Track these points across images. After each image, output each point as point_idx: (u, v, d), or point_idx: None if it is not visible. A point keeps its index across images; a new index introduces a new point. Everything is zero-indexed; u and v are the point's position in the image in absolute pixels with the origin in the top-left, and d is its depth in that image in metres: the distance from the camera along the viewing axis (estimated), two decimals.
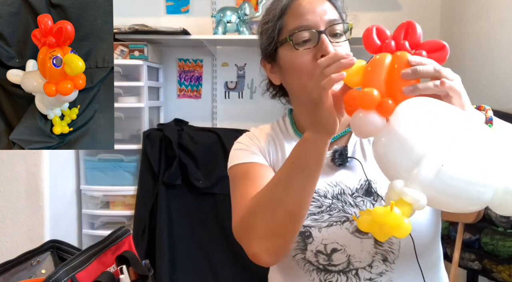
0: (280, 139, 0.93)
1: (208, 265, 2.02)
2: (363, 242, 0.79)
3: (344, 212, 0.81)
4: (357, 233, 0.80)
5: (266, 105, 1.03)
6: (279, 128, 0.97)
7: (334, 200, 0.83)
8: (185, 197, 2.05)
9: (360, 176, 0.84)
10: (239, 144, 0.94)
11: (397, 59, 0.60)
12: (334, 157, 0.85)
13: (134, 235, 1.97)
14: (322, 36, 0.81)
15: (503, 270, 1.50)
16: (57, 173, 1.88)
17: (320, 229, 0.81)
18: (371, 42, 0.62)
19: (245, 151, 0.91)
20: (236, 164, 0.90)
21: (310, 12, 0.82)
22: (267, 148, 0.92)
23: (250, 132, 0.98)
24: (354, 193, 0.83)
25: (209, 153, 2.05)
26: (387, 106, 0.58)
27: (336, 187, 0.84)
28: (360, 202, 0.82)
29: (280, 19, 0.85)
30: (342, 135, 0.90)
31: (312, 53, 0.82)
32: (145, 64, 2.08)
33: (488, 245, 1.55)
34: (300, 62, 0.83)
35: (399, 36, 0.62)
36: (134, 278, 0.70)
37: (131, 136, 2.19)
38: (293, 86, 0.89)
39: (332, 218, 0.81)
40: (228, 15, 2.17)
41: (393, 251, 0.79)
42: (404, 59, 0.59)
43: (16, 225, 1.77)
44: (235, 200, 0.86)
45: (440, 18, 2.27)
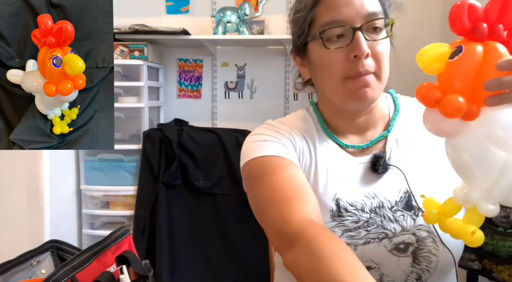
0: (311, 141, 0.81)
1: (208, 265, 2.02)
2: (400, 261, 0.73)
3: (383, 228, 0.73)
4: (395, 250, 0.73)
5: (266, 105, 1.02)
6: (307, 123, 0.84)
7: (372, 214, 0.74)
8: (185, 197, 2.05)
9: (400, 186, 0.76)
10: (260, 135, 0.79)
11: (489, 56, 0.51)
12: (376, 163, 0.76)
13: (134, 235, 1.97)
14: (357, 33, 0.71)
15: (503, 270, 1.50)
16: (57, 173, 1.88)
17: (356, 247, 0.73)
18: (461, 23, 0.51)
19: (274, 143, 0.77)
20: (261, 156, 0.74)
21: (345, 4, 0.72)
22: (301, 146, 0.80)
23: (272, 125, 0.83)
24: (394, 206, 0.75)
25: (209, 153, 2.05)
26: (472, 112, 0.50)
27: (375, 199, 0.75)
28: (400, 217, 0.74)
29: (312, 9, 0.76)
30: (380, 140, 0.81)
31: (345, 52, 0.72)
32: (145, 64, 2.08)
33: (488, 245, 1.54)
34: (332, 63, 0.74)
35: (492, 16, 0.51)
36: (134, 278, 0.70)
37: (131, 136, 2.19)
38: (323, 86, 0.79)
39: (369, 234, 0.73)
40: (228, 15, 2.17)
41: (429, 270, 0.73)
42: (497, 57, 0.50)
43: (16, 225, 1.77)
44: (264, 193, 0.70)
45: (440, 18, 2.27)
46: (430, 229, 0.73)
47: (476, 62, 0.51)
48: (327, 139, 0.82)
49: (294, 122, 0.84)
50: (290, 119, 0.86)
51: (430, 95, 0.52)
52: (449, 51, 0.53)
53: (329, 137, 0.82)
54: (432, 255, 0.73)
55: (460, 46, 0.52)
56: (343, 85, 0.75)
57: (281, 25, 2.33)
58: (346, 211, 0.75)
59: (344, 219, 0.75)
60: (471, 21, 0.52)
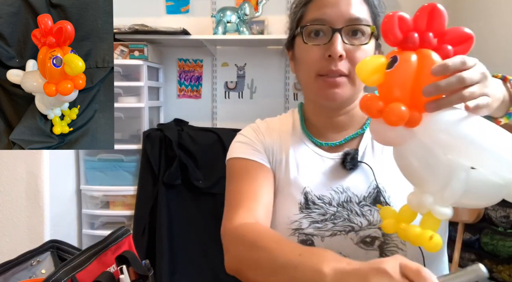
0: (286, 140, 0.88)
1: (208, 265, 2.02)
2: (368, 254, 0.75)
3: (350, 221, 0.77)
4: (361, 244, 0.76)
5: (266, 105, 1.02)
6: (287, 123, 0.91)
7: (339, 208, 0.78)
8: (185, 197, 2.05)
9: (369, 182, 0.79)
10: (242, 136, 0.90)
11: (424, 64, 0.53)
12: (345, 160, 0.80)
13: (134, 235, 1.97)
14: (335, 34, 0.75)
15: (503, 270, 1.50)
16: (57, 173, 1.88)
17: (323, 238, 0.77)
18: (393, 34, 0.54)
19: (248, 146, 0.87)
20: (236, 158, 0.86)
21: (331, 5, 0.76)
22: (271, 147, 0.87)
23: (255, 124, 0.92)
24: (362, 201, 0.78)
25: (209, 153, 2.05)
26: (414, 119, 0.52)
27: (343, 194, 0.79)
28: (367, 211, 0.77)
29: (304, 6, 0.80)
30: (354, 137, 0.85)
31: (322, 51, 0.76)
32: (145, 64, 2.08)
33: (488, 245, 1.55)
34: (309, 58, 0.78)
35: (421, 25, 0.54)
36: (134, 278, 0.70)
37: (131, 136, 2.19)
38: (301, 81, 0.84)
39: (336, 227, 0.77)
40: (228, 15, 2.17)
41: None
42: (431, 63, 0.52)
43: (16, 225, 1.77)
44: (229, 196, 0.82)
45: None
46: None
47: (411, 70, 0.53)
48: (303, 137, 0.87)
49: (276, 122, 0.92)
50: (275, 119, 0.93)
51: (373, 106, 0.54)
52: (385, 62, 0.55)
53: (306, 135, 0.87)
54: (399, 250, 0.75)
55: (395, 56, 0.54)
56: (316, 82, 0.79)
57: (281, 25, 2.33)
58: (314, 203, 0.80)
59: (311, 211, 0.79)
60: (402, 32, 0.54)
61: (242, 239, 0.70)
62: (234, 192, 0.81)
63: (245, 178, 0.82)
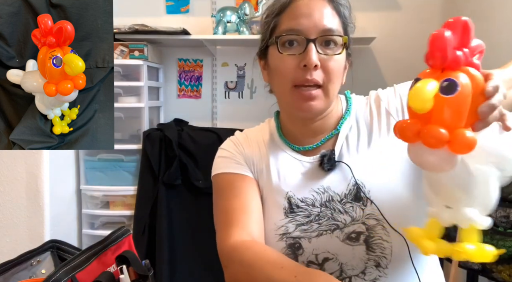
0: (264, 149, 0.90)
1: (208, 265, 2.02)
2: (354, 249, 0.77)
3: (334, 220, 0.79)
4: (347, 240, 0.78)
5: (266, 105, 1.02)
6: (264, 133, 0.93)
7: (322, 208, 0.80)
8: (185, 197, 2.05)
9: (349, 180, 0.81)
10: (223, 150, 0.92)
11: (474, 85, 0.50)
12: (322, 161, 0.82)
13: (134, 235, 1.97)
14: (309, 45, 0.77)
15: (503, 270, 1.50)
16: (57, 173, 1.88)
17: (310, 240, 0.79)
18: (443, 56, 0.49)
19: (230, 160, 0.89)
20: (221, 173, 0.88)
21: (305, 15, 0.78)
22: (251, 157, 0.89)
23: (235, 137, 0.95)
24: (343, 199, 0.80)
25: (209, 153, 2.02)
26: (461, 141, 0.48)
27: (324, 194, 0.81)
28: (350, 208, 0.79)
29: (277, 16, 0.82)
30: (329, 138, 0.87)
31: (297, 61, 0.78)
32: (145, 64, 2.08)
33: None
34: (284, 68, 0.79)
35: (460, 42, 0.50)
36: (134, 278, 0.70)
37: (131, 136, 2.19)
38: (276, 92, 0.86)
39: (321, 227, 0.79)
40: (228, 15, 2.17)
41: (386, 256, 0.77)
42: (479, 84, 0.50)
43: (16, 225, 1.77)
44: (218, 213, 0.85)
45: (440, 18, 2.27)
46: (378, 217, 0.78)
47: (470, 93, 0.49)
48: (281, 145, 0.89)
49: (254, 132, 0.94)
50: (253, 129, 0.96)
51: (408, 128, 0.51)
52: (438, 87, 0.49)
53: (283, 142, 0.89)
54: (384, 241, 0.77)
55: (452, 80, 0.49)
56: (291, 93, 0.80)
57: None
58: (298, 207, 0.82)
59: (296, 214, 0.82)
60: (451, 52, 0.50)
61: (240, 260, 0.73)
62: (224, 209, 0.83)
63: (232, 193, 0.84)
